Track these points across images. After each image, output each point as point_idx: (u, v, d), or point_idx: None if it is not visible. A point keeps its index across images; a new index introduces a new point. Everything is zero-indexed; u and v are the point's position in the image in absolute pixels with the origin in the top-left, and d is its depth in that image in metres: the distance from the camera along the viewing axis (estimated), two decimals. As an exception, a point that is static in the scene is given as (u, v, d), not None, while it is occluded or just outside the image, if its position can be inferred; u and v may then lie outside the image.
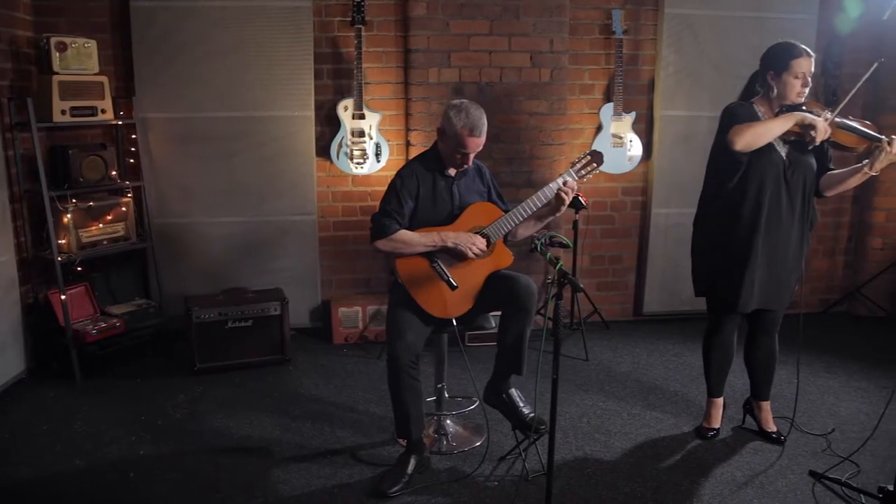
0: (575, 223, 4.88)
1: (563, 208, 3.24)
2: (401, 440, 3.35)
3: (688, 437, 3.69)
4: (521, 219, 3.20)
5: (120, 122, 4.63)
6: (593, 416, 3.90)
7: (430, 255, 3.12)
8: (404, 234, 3.10)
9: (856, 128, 3.17)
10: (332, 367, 4.54)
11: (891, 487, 2.95)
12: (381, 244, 3.11)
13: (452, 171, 3.25)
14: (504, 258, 3.25)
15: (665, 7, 5.02)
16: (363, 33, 4.67)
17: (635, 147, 5.05)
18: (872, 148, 3.12)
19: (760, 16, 5.06)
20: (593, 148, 5.00)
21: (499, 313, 3.28)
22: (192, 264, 4.90)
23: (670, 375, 4.47)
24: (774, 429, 3.66)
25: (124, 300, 4.72)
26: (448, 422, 3.64)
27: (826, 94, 5.37)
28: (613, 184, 5.24)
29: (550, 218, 3.32)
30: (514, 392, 3.33)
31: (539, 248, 2.73)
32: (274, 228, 4.96)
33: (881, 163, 3.09)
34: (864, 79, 3.15)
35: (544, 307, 5.12)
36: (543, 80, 4.91)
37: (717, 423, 3.69)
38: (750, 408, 3.75)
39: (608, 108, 5.01)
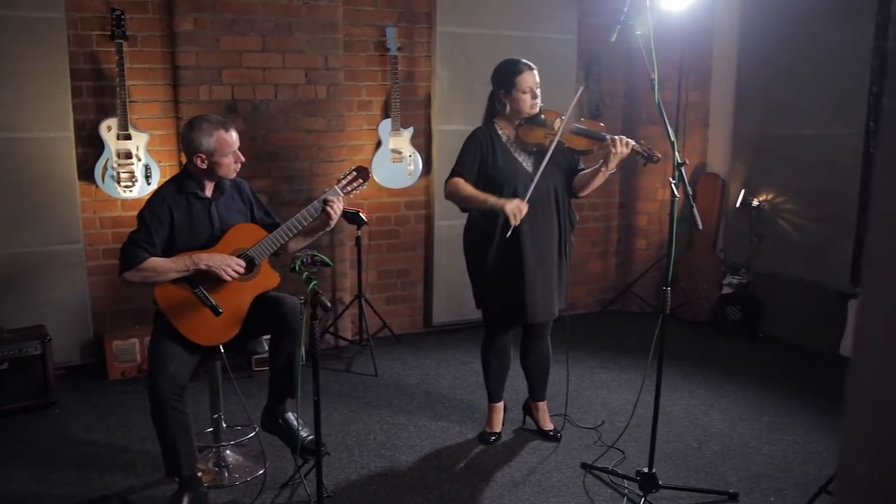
0: (358, 239, 4.87)
1: (332, 224, 3.21)
2: (173, 478, 3.15)
3: (472, 443, 3.78)
4: (286, 239, 3.13)
5: None
6: (380, 433, 3.89)
7: (192, 281, 2.97)
8: (154, 261, 2.93)
9: (586, 130, 3.37)
10: (106, 406, 4.22)
11: (646, 470, 3.19)
12: (130, 275, 2.92)
13: (209, 192, 3.12)
14: (270, 279, 3.16)
15: (437, 25, 5.16)
16: (125, 48, 4.40)
17: (415, 161, 5.14)
18: (604, 147, 3.32)
19: (526, 34, 5.34)
20: (373, 164, 5.05)
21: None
22: (-64, 305, 4.38)
23: (457, 384, 4.57)
24: (551, 427, 3.84)
25: None
26: (227, 452, 3.50)
27: (590, 108, 5.76)
28: (396, 198, 5.30)
29: (321, 233, 3.28)
30: (290, 416, 3.25)
31: (297, 268, 2.68)
32: (35, 260, 4.53)
33: (614, 160, 3.29)
34: (573, 102, 3.32)
35: (332, 325, 5.08)
36: (320, 96, 4.88)
37: (498, 427, 3.81)
38: (528, 409, 3.91)
39: (386, 124, 5.06)
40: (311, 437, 3.23)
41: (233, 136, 3.06)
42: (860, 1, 4.69)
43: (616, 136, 3.25)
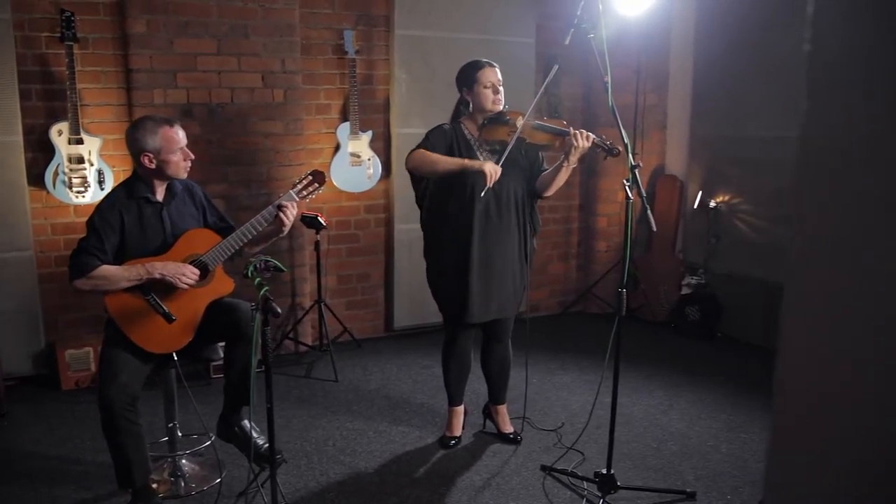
0: (317, 244, 4.83)
1: (286, 229, 3.18)
2: (126, 490, 3.09)
3: (432, 447, 3.76)
4: (240, 245, 3.09)
5: None
6: (339, 439, 3.85)
7: (144, 288, 2.91)
8: (105, 269, 2.86)
9: (546, 126, 3.37)
10: (59, 417, 4.12)
11: (605, 471, 3.20)
12: (81, 283, 2.85)
13: (160, 196, 3.06)
14: (224, 285, 3.11)
15: (396, 28, 5.14)
16: (76, 51, 4.31)
17: (374, 165, 5.11)
18: (566, 143, 3.31)
19: (485, 38, 5.34)
20: (332, 168, 5.01)
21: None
22: None
23: (418, 388, 4.55)
24: (511, 430, 3.83)
25: None
26: (183, 462, 3.43)
27: (549, 110, 5.78)
28: (356, 202, 5.27)
29: (276, 238, 3.24)
30: (246, 424, 3.20)
31: (249, 274, 2.64)
32: (-18, 268, 4.43)
33: (575, 154, 3.29)
34: (546, 82, 3.38)
35: (292, 331, 5.03)
36: (277, 100, 4.83)
37: (458, 431, 3.80)
38: (488, 412, 3.91)
39: (345, 128, 5.03)
40: (267, 445, 3.17)
41: (179, 133, 3.01)
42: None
43: (577, 130, 3.25)
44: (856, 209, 0.65)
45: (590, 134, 3.26)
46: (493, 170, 3.18)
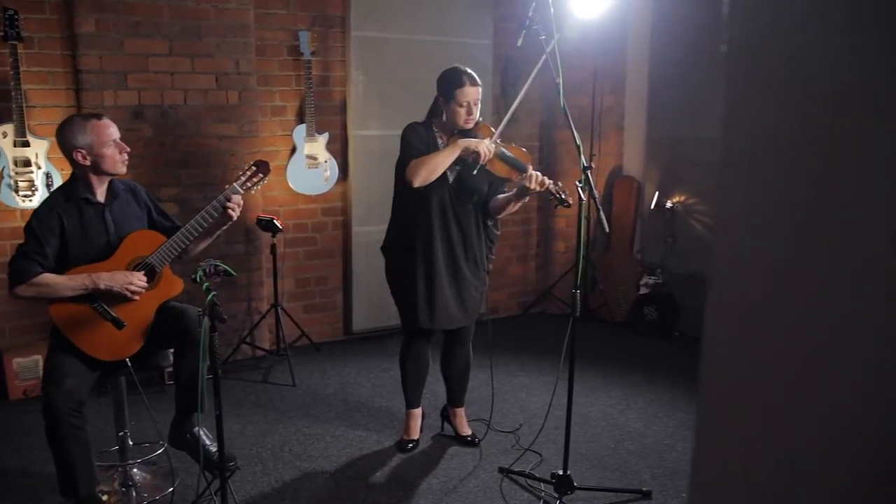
0: (273, 247, 4.77)
1: (231, 222, 3.15)
2: (70, 499, 3.00)
3: (389, 451, 3.74)
4: (187, 243, 3.03)
5: None
6: (296, 444, 3.81)
7: (90, 296, 2.84)
8: (48, 277, 2.79)
9: (508, 157, 3.33)
10: (5, 427, 4.01)
11: (561, 472, 3.20)
12: (22, 290, 2.78)
13: (101, 197, 2.99)
14: (174, 286, 3.05)
15: (352, 30, 5.10)
16: (20, 50, 4.20)
17: (331, 167, 5.07)
18: (521, 180, 3.27)
19: (442, 39, 5.33)
20: (288, 170, 4.96)
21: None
22: None
23: (377, 391, 4.51)
24: (469, 432, 3.82)
25: None
26: (134, 471, 3.36)
27: (506, 111, 5.78)
28: (313, 205, 5.22)
29: (220, 230, 3.20)
30: (199, 431, 3.14)
31: (198, 278, 2.59)
32: (-74, 275, 4.29)
33: (527, 195, 3.28)
34: (524, 89, 3.33)
35: (249, 335, 4.96)
36: (231, 102, 4.76)
37: (415, 435, 3.77)
38: (446, 415, 3.89)
39: (301, 130, 4.98)
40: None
41: (110, 126, 2.94)
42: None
43: (534, 172, 3.22)
44: (772, 210, 0.65)
45: (545, 180, 3.22)
46: (486, 148, 3.18)
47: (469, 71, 3.34)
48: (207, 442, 3.13)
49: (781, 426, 0.64)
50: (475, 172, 3.24)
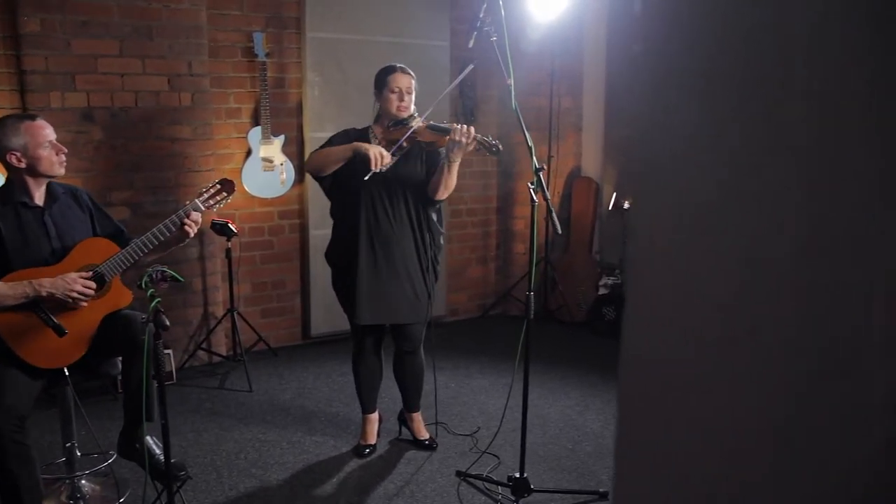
0: (228, 251, 4.70)
1: (188, 239, 3.08)
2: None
3: (346, 457, 3.70)
4: (140, 255, 2.96)
5: None
6: (251, 451, 3.75)
7: (33, 302, 2.77)
8: None
9: (436, 125, 3.32)
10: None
11: (518, 475, 3.20)
12: None
13: (39, 200, 2.91)
14: (122, 297, 2.98)
15: (307, 31, 5.05)
16: (-37, 53, 4.09)
17: (287, 170, 5.01)
18: (450, 140, 3.24)
19: (399, 41, 5.30)
20: (243, 173, 4.90)
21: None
22: None
23: (335, 396, 4.47)
24: (427, 436, 3.80)
25: None
26: (82, 483, 3.28)
27: (465, 112, 5.79)
28: (269, 208, 5.16)
29: (176, 246, 3.14)
30: (149, 440, 3.07)
31: (143, 284, 2.53)
32: None
33: (457, 151, 3.22)
34: (458, 79, 3.37)
35: (205, 341, 4.89)
36: (184, 104, 4.68)
37: (372, 440, 3.74)
38: (403, 419, 3.86)
39: (256, 132, 4.91)
40: (172, 461, 3.06)
41: (45, 127, 2.86)
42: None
43: (459, 126, 3.20)
44: (684, 211, 0.64)
45: (471, 130, 3.20)
46: (378, 152, 3.15)
47: (403, 64, 3.42)
48: (157, 451, 3.06)
49: (692, 438, 0.63)
50: (367, 178, 3.20)
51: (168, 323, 2.41)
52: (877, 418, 0.53)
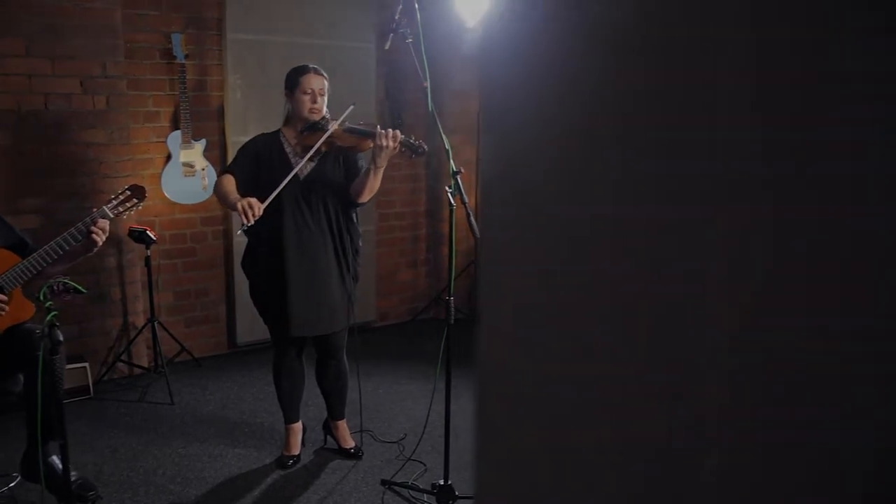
0: (147, 259, 4.55)
1: (97, 248, 2.96)
2: None
3: (269, 468, 3.61)
4: (43, 265, 2.83)
5: None
6: (170, 466, 3.62)
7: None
8: None
9: (356, 128, 3.26)
10: None
11: (442, 482, 3.16)
12: None
13: None
14: (24, 310, 2.85)
15: (228, 32, 4.94)
16: None
17: (209, 175, 4.88)
18: (375, 144, 3.19)
19: (323, 43, 5.22)
20: (163, 178, 4.75)
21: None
22: None
23: (259, 406, 4.36)
24: (352, 444, 3.73)
25: None
26: (-15, 506, 3.12)
27: (392, 116, 5.73)
28: (191, 214, 5.01)
29: (83, 256, 3.01)
30: (55, 459, 2.94)
31: (42, 296, 2.41)
32: None
33: (382, 156, 3.16)
34: (339, 121, 3.25)
35: (125, 353, 4.72)
36: (99, 107, 4.51)
37: (296, 450, 3.66)
38: (328, 428, 3.79)
39: (176, 136, 4.77)
40: (80, 482, 2.94)
41: None
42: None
43: (383, 130, 3.15)
44: (523, 217, 0.61)
45: (397, 133, 3.17)
46: (244, 205, 3.04)
47: (315, 65, 3.35)
48: (64, 471, 2.92)
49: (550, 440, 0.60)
50: (238, 233, 3.23)
51: (62, 338, 2.29)
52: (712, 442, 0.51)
